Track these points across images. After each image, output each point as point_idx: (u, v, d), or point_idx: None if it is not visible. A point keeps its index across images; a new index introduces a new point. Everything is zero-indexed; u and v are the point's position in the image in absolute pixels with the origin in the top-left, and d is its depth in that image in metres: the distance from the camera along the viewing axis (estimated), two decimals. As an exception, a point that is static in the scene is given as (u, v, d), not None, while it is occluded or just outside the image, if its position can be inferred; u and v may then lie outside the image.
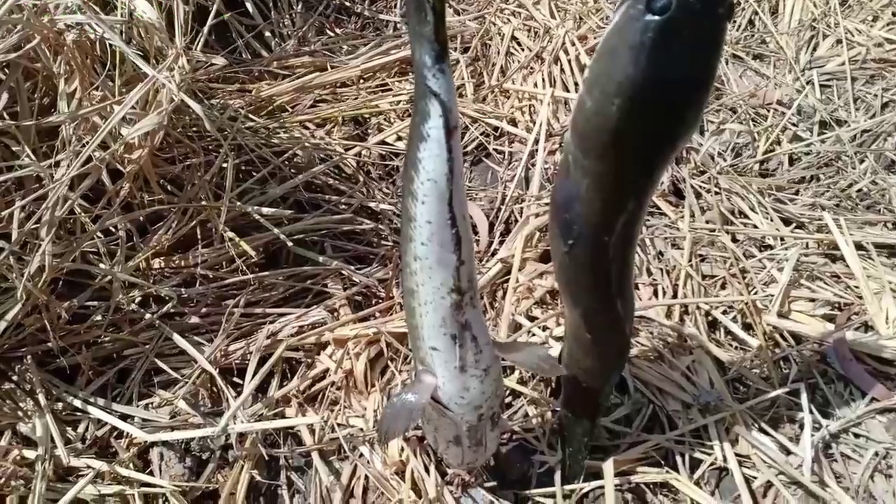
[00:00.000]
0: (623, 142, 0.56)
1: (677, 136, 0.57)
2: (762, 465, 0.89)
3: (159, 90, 0.89)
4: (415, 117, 0.62)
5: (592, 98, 0.55)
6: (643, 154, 0.58)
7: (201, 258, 1.03)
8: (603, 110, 0.55)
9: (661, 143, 0.57)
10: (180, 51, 0.89)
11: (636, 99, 0.54)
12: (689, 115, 0.56)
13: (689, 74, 0.54)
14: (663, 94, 0.54)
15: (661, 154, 0.58)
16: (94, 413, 0.91)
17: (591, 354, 0.74)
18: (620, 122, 0.55)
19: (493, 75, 1.52)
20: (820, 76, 1.51)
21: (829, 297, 1.08)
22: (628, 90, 0.53)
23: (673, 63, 0.53)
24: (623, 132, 0.55)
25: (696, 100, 0.56)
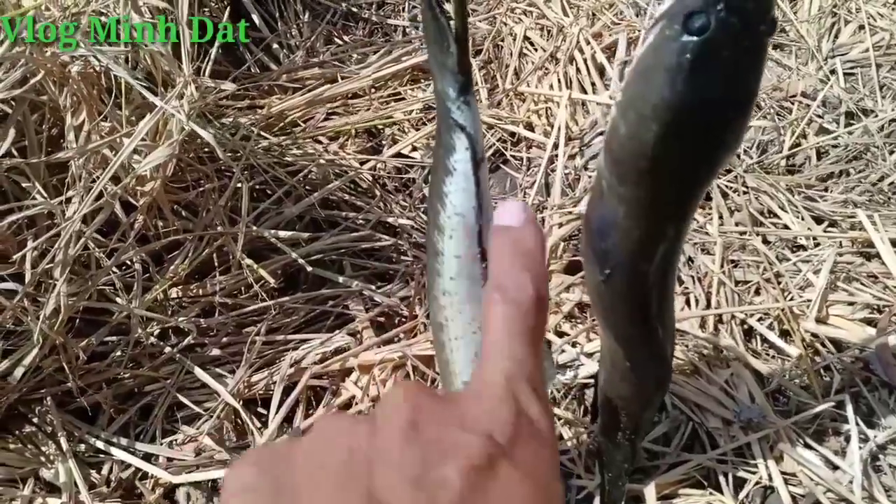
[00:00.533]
0: (661, 167, 0.52)
1: (718, 159, 0.53)
2: (809, 482, 0.86)
3: (169, 120, 0.87)
4: (438, 149, 0.59)
5: (627, 122, 0.52)
6: (682, 179, 0.54)
7: (219, 286, 1.01)
8: (638, 135, 0.51)
9: (700, 168, 0.54)
10: (188, 78, 0.87)
11: (674, 123, 0.50)
12: (729, 138, 0.52)
13: (729, 96, 0.50)
14: (703, 117, 0.50)
15: (701, 179, 0.55)
16: (117, 455, 0.88)
17: (631, 382, 0.71)
18: (657, 147, 0.51)
19: (507, 78, 1.48)
20: (843, 64, 1.46)
21: (868, 299, 1.04)
22: (665, 114, 0.50)
23: (712, 85, 0.49)
24: (661, 158, 0.52)
25: (737, 122, 0.52)
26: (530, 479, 0.26)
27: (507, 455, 0.26)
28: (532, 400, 0.29)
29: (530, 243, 0.36)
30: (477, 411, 0.28)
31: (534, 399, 0.29)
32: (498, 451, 0.26)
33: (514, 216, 0.38)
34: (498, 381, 0.30)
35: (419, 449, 0.26)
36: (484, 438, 0.26)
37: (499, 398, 0.29)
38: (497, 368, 0.30)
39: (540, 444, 0.28)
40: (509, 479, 0.26)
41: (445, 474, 0.25)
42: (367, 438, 0.27)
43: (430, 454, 0.26)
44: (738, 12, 0.46)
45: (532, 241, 0.37)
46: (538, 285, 0.34)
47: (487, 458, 0.26)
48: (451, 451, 0.26)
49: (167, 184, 0.93)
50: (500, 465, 0.26)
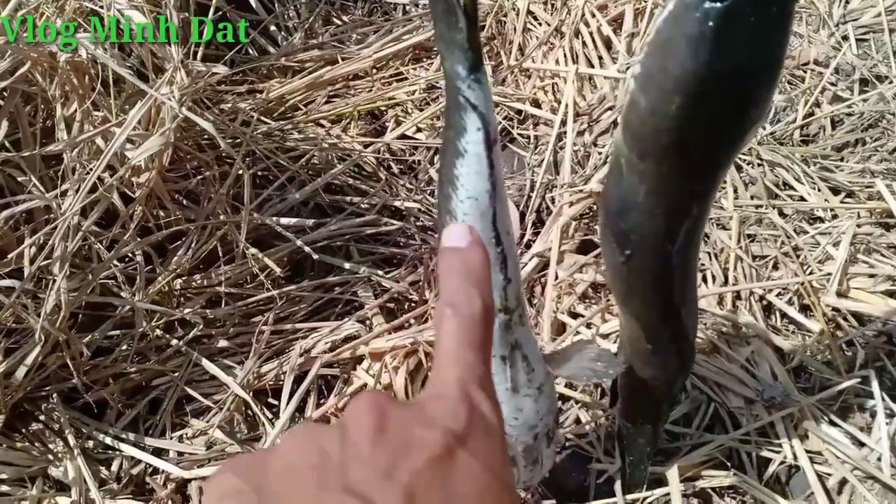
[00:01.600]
0: (684, 142, 0.50)
1: (744, 132, 0.51)
2: (835, 460, 0.84)
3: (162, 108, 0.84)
4: (448, 131, 0.56)
5: (647, 97, 0.49)
6: (707, 153, 0.52)
7: (224, 276, 0.99)
8: (660, 109, 0.49)
9: (726, 142, 0.51)
10: (178, 64, 0.84)
11: (698, 95, 0.47)
12: (755, 110, 0.50)
13: (755, 65, 0.47)
14: (728, 88, 0.48)
15: (727, 153, 0.53)
16: (126, 450, 0.87)
17: (653, 364, 0.69)
18: (681, 121, 0.48)
19: (512, 54, 1.45)
20: (856, 30, 1.42)
21: (890, 271, 1.01)
22: (689, 86, 0.47)
23: (737, 54, 0.46)
24: (684, 132, 0.49)
25: (763, 92, 0.49)
26: (485, 465, 0.30)
27: (465, 446, 0.30)
28: (483, 398, 0.32)
29: (476, 262, 0.40)
30: (435, 411, 0.31)
31: (484, 398, 0.33)
32: (456, 443, 0.29)
33: (461, 238, 0.42)
34: (452, 384, 0.33)
35: (387, 447, 0.29)
36: (443, 433, 0.30)
37: (454, 398, 0.32)
38: (451, 373, 0.33)
39: (491, 436, 0.32)
40: (468, 466, 0.29)
41: (413, 465, 0.28)
42: (339, 444, 0.29)
43: (398, 451, 0.29)
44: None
45: (478, 260, 0.40)
46: (485, 299, 0.37)
47: (447, 449, 0.29)
48: (416, 446, 0.29)
49: (164, 173, 0.91)
50: (459, 455, 0.29)
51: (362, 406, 0.31)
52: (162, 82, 0.82)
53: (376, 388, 0.93)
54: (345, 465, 0.28)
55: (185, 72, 0.85)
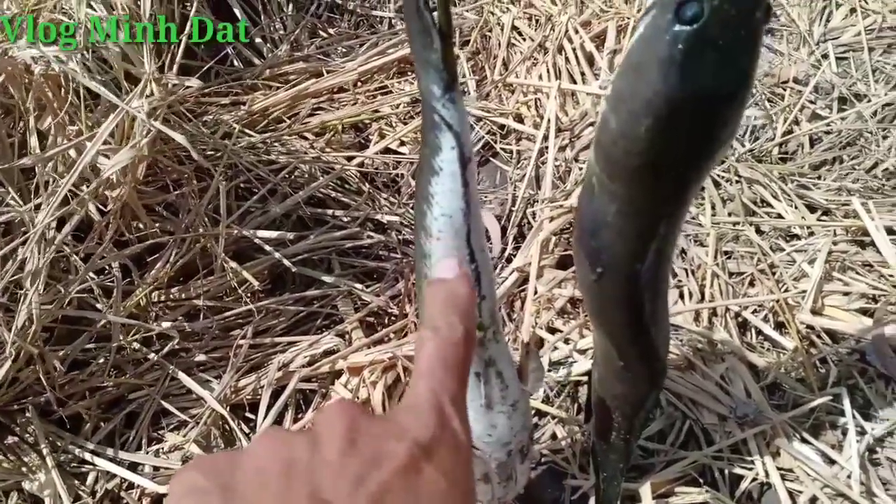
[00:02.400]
0: (654, 164, 0.51)
1: (712, 153, 0.52)
2: (806, 478, 0.85)
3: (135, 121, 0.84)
4: (424, 149, 0.56)
5: (618, 118, 0.50)
6: (676, 176, 0.52)
7: (203, 289, 0.98)
8: (630, 131, 0.49)
9: (695, 163, 0.52)
10: (150, 77, 0.84)
11: (667, 117, 0.48)
12: (724, 131, 0.50)
13: (724, 87, 0.48)
14: (697, 110, 0.48)
15: (696, 175, 0.53)
16: (101, 465, 0.86)
17: (623, 381, 0.69)
18: (650, 143, 0.49)
19: (496, 69, 1.46)
20: (835, 48, 1.44)
21: (864, 288, 1.02)
22: (658, 108, 0.48)
23: (707, 76, 0.47)
24: (654, 154, 0.50)
25: (732, 114, 0.50)
26: (451, 481, 0.30)
27: (432, 460, 0.30)
28: (454, 415, 0.33)
29: (462, 293, 0.41)
30: (406, 423, 0.32)
31: (455, 415, 0.33)
32: (424, 456, 0.30)
33: (451, 270, 0.43)
34: (425, 399, 0.33)
35: (356, 458, 0.29)
36: (412, 445, 0.30)
37: (426, 412, 0.32)
38: (425, 389, 0.34)
39: (459, 453, 0.32)
40: (434, 481, 0.30)
41: (381, 476, 0.28)
42: (308, 450, 0.30)
43: (367, 461, 0.29)
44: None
45: (463, 292, 0.41)
46: (467, 327, 0.38)
47: (415, 462, 0.30)
48: (385, 458, 0.29)
49: (140, 186, 0.90)
50: (426, 469, 0.30)
51: (334, 415, 0.31)
52: (133, 95, 0.82)
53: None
54: (313, 472, 0.28)
55: (160, 85, 0.85)
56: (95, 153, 0.79)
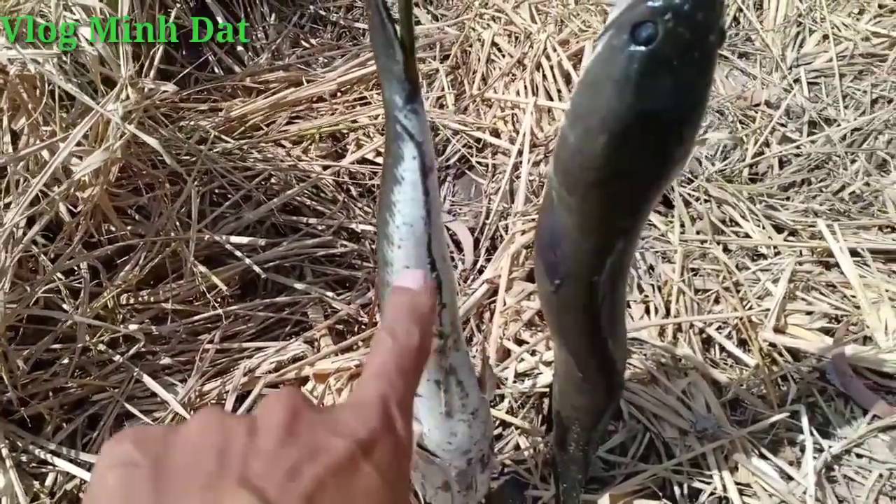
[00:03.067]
0: (609, 180, 0.52)
1: (667, 172, 0.53)
2: (763, 493, 0.86)
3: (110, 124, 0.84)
4: (387, 158, 0.57)
5: (575, 134, 0.51)
6: (631, 192, 0.54)
7: (172, 293, 0.99)
8: (586, 147, 0.51)
9: (649, 181, 0.53)
10: (125, 81, 0.84)
11: (622, 135, 0.49)
12: (678, 151, 0.52)
13: (678, 107, 0.49)
14: (651, 129, 0.49)
15: (651, 191, 0.54)
16: (61, 465, 0.86)
17: (582, 392, 0.70)
18: (606, 159, 0.50)
19: (475, 84, 1.47)
20: (807, 74, 1.47)
21: (826, 308, 1.04)
22: (614, 126, 0.49)
23: (661, 96, 0.48)
24: (609, 170, 0.51)
25: (686, 134, 0.51)
26: (386, 480, 0.30)
27: (370, 458, 0.30)
28: (399, 418, 0.33)
29: (424, 304, 0.41)
30: (348, 419, 0.32)
31: (400, 417, 0.33)
32: (362, 453, 0.30)
33: (416, 281, 0.43)
34: (372, 397, 0.33)
35: (293, 449, 0.29)
36: (350, 441, 0.30)
37: (370, 410, 0.32)
38: (373, 388, 0.34)
39: (399, 454, 0.32)
40: (369, 479, 0.30)
41: (316, 470, 0.28)
42: (246, 435, 0.29)
43: (303, 453, 0.29)
44: (687, 22, 0.45)
45: (426, 303, 0.41)
46: (424, 337, 0.38)
47: (352, 458, 0.29)
48: (322, 451, 0.29)
49: (112, 188, 0.91)
50: (363, 466, 0.30)
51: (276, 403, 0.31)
52: (108, 98, 0.82)
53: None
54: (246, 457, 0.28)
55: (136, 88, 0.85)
56: (68, 154, 0.80)
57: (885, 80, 1.45)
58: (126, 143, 0.90)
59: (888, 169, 1.30)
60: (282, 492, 0.27)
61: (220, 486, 0.27)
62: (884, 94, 1.42)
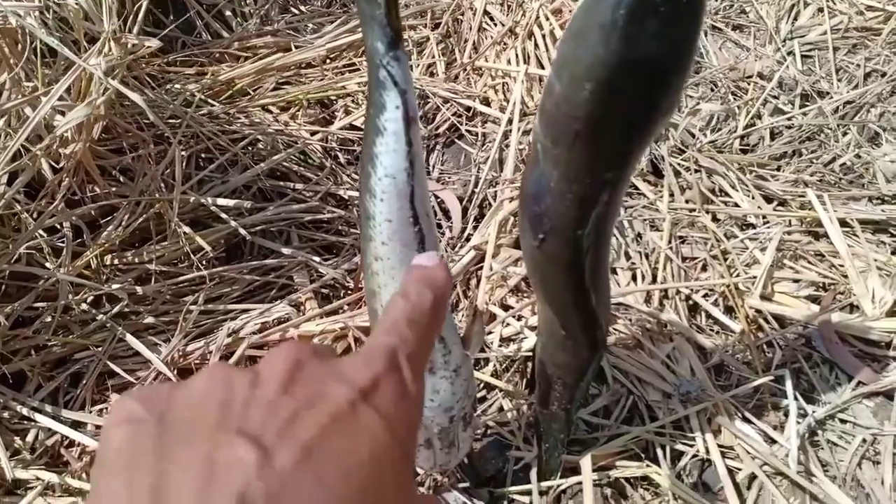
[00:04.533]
0: (595, 130, 0.51)
1: (653, 122, 0.52)
2: (746, 456, 0.86)
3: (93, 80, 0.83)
4: (369, 109, 0.57)
5: (561, 82, 0.50)
6: (615, 142, 0.53)
7: (156, 254, 0.98)
8: (573, 96, 0.50)
9: (635, 131, 0.52)
10: (108, 35, 0.83)
11: (608, 83, 0.48)
12: (665, 101, 0.51)
13: (666, 55, 0.48)
14: (637, 77, 0.48)
15: (637, 142, 0.54)
16: (42, 422, 0.85)
17: (565, 349, 0.70)
18: (591, 108, 0.49)
19: (466, 52, 1.46)
20: (801, 46, 1.47)
21: (814, 277, 1.04)
22: (599, 74, 0.48)
23: (647, 43, 0.47)
24: (594, 119, 0.50)
25: (673, 83, 0.50)
26: (388, 427, 0.29)
27: (369, 400, 0.29)
28: (407, 366, 0.32)
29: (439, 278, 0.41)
30: (352, 367, 0.31)
31: (408, 367, 0.32)
32: (360, 396, 0.29)
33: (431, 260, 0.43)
34: (381, 344, 0.33)
35: (292, 399, 0.29)
36: (350, 387, 0.29)
37: (376, 354, 0.32)
38: (384, 338, 0.33)
39: (403, 398, 0.31)
40: (367, 420, 0.29)
41: (316, 419, 0.28)
42: (248, 387, 0.29)
43: (304, 402, 0.29)
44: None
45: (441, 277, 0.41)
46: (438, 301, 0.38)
47: (350, 404, 0.29)
48: (322, 399, 0.29)
49: (95, 146, 0.89)
50: (361, 409, 0.29)
51: (280, 354, 0.31)
52: (91, 53, 0.81)
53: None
54: (247, 408, 0.28)
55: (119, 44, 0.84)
56: (50, 109, 0.78)
57: (879, 54, 1.44)
58: (110, 101, 0.89)
59: (879, 142, 1.29)
60: (279, 439, 0.27)
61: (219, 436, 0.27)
62: (877, 67, 1.42)
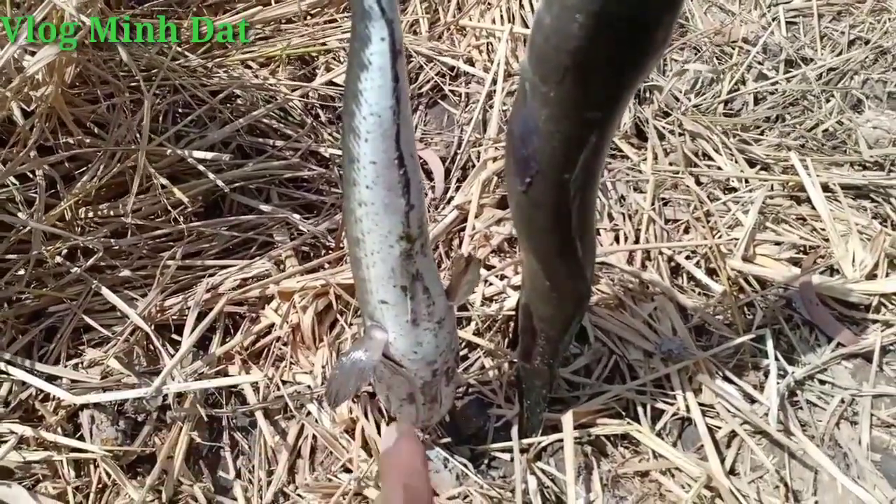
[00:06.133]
0: (585, 64, 0.50)
1: (644, 56, 0.51)
2: (726, 414, 0.86)
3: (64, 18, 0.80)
4: (353, 42, 0.55)
5: (551, 14, 0.49)
6: (606, 78, 0.51)
7: (133, 207, 0.95)
8: (563, 28, 0.48)
9: (626, 66, 0.51)
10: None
11: (600, 13, 0.47)
12: (657, 34, 0.50)
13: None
14: (630, 7, 0.47)
15: (626, 79, 0.52)
16: (16, 374, 0.83)
17: (550, 302, 0.69)
18: (582, 40, 0.48)
19: (450, 11, 1.44)
20: (786, 13, 1.46)
21: (795, 240, 1.04)
22: (591, 3, 0.47)
23: (640, -27, 0.46)
24: (585, 52, 0.49)
25: (666, 16, 0.49)
26: None
27: None
28: None
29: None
30: None
31: None
32: None
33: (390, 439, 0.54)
34: None
35: None
36: None
37: None
38: None
39: None
40: None
41: None
42: None
43: None
44: None
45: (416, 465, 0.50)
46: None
47: None
48: None
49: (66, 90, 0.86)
50: None
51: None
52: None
53: (283, 327, 0.92)
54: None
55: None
56: (19, 48, 0.75)
57: (863, 22, 1.44)
58: (83, 45, 0.86)
59: (862, 109, 1.29)
60: None
61: None
62: (861, 35, 1.42)
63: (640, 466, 0.83)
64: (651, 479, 0.83)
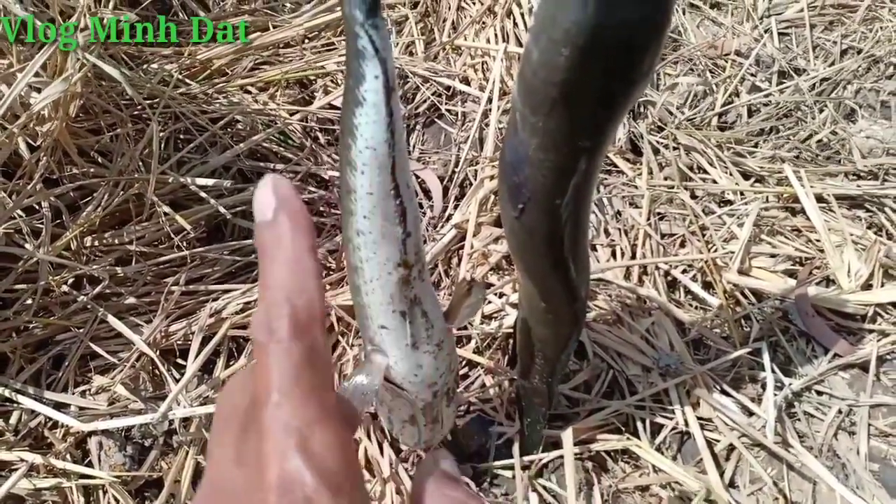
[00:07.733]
0: (572, 96, 0.51)
1: (630, 86, 0.52)
2: (724, 427, 0.87)
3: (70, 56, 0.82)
4: (348, 80, 0.56)
5: (539, 48, 0.50)
6: (593, 109, 0.53)
7: (136, 234, 0.97)
8: (550, 60, 0.50)
9: (613, 96, 0.52)
10: (84, 9, 0.82)
11: (585, 47, 0.48)
12: (643, 64, 0.51)
13: (641, 18, 0.48)
14: (615, 39, 0.48)
15: (613, 108, 0.54)
16: (25, 403, 0.85)
17: (546, 322, 0.70)
18: (568, 73, 0.49)
19: (445, 31, 1.46)
20: (778, 24, 1.48)
21: (791, 251, 1.06)
22: (577, 37, 0.48)
23: (624, 5, 0.47)
24: (571, 84, 0.50)
25: (650, 46, 0.50)
26: None
27: None
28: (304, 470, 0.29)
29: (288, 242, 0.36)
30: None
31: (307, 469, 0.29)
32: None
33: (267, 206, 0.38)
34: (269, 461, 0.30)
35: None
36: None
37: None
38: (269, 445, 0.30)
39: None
40: None
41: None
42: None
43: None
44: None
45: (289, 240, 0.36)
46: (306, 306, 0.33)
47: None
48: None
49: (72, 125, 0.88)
50: None
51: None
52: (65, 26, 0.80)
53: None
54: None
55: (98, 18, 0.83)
56: (26, 86, 0.77)
57: (856, 31, 1.45)
58: (87, 79, 0.88)
59: (855, 118, 1.31)
60: None
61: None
62: (853, 44, 1.43)
63: (641, 481, 0.84)
64: (651, 494, 0.84)
